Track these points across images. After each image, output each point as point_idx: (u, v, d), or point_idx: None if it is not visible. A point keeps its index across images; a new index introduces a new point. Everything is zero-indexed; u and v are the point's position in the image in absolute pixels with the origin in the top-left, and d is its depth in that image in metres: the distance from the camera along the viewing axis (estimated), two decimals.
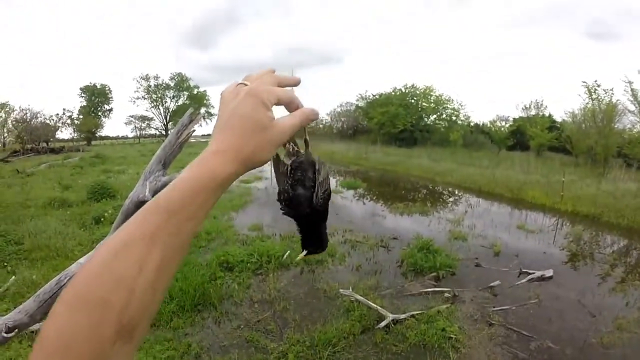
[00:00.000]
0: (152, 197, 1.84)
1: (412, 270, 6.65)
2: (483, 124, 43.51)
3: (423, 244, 7.19)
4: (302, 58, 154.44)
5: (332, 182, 18.27)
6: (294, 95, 0.61)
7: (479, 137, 39.23)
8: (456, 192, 16.29)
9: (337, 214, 10.79)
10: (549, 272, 6.74)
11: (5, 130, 52.49)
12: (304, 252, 0.72)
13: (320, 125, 64.46)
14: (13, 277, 6.12)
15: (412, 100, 43.58)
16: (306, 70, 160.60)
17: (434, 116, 43.66)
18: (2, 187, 15.35)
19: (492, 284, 6.18)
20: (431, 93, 43.85)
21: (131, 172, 20.67)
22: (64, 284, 2.87)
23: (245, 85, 0.56)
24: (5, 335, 2.83)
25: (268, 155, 0.56)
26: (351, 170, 23.59)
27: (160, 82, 72.92)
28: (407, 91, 44.83)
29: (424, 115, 43.09)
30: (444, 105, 43.26)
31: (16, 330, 2.89)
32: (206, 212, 0.50)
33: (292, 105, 0.60)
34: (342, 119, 57.55)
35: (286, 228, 8.67)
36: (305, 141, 0.74)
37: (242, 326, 4.84)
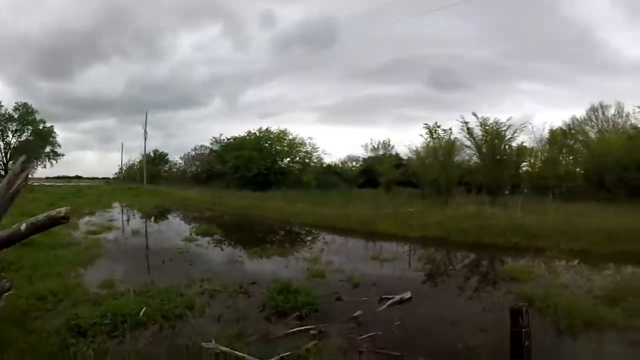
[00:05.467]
0: None
1: (275, 312, 6.55)
2: (335, 164, 46.09)
3: (283, 285, 7.17)
4: (160, 99, 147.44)
5: (186, 229, 17.61)
6: None
7: (331, 177, 41.38)
8: (312, 231, 16.80)
9: (191, 263, 10.37)
10: (407, 295, 7.20)
11: None
12: None
13: (174, 170, 62.21)
14: None
15: (267, 144, 44.48)
16: (164, 111, 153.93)
17: (288, 159, 45.05)
18: None
19: (355, 314, 6.36)
20: (285, 137, 45.28)
21: None
22: None
23: None
24: None
25: None
26: (206, 216, 23.02)
27: (3, 111, 58.88)
28: (261, 135, 45.72)
29: (277, 158, 44.19)
30: (298, 148, 44.90)
31: None
32: None
33: None
34: (196, 163, 56.28)
35: (141, 281, 8.07)
36: None
37: None
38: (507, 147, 26.21)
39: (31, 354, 4.75)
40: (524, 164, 28.79)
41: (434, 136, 28.06)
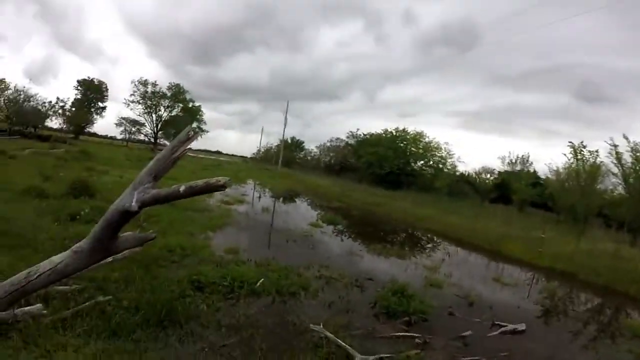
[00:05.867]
0: (139, 208, 1.75)
1: (385, 312, 6.54)
2: (468, 174, 44.16)
3: (398, 287, 7.12)
4: (301, 90, 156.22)
5: (313, 215, 18.16)
6: None
7: (464, 186, 39.72)
8: (436, 239, 16.34)
9: (313, 247, 10.71)
10: (521, 326, 6.75)
11: None
12: None
13: (309, 158, 64.91)
14: None
15: (402, 144, 44.18)
16: (303, 102, 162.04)
17: (422, 162, 44.23)
18: None
19: (463, 334, 6.12)
20: (421, 139, 44.56)
21: (114, 174, 20.41)
22: (33, 280, 2.78)
23: None
24: None
25: None
26: (333, 206, 23.56)
27: (157, 89, 72.23)
28: (397, 134, 45.56)
29: (411, 159, 43.64)
30: (432, 152, 43.87)
31: None
32: None
33: None
34: (331, 154, 57.93)
35: (263, 255, 8.59)
36: None
37: (206, 349, 4.65)
38: None
39: (150, 294, 5.28)
40: None
41: (578, 157, 25.23)
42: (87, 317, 4.78)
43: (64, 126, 68.34)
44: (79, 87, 73.33)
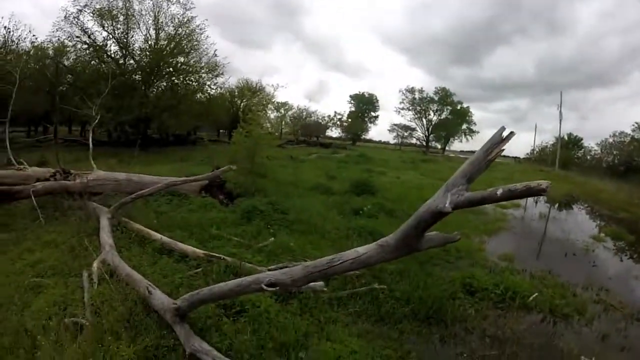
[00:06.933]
0: (452, 209, 1.96)
1: None
2: None
3: None
4: (571, 78, 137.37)
5: (593, 225, 15.88)
6: None
7: None
8: None
9: (595, 265, 9.39)
10: None
11: (283, 123, 63.86)
12: None
13: (588, 157, 56.59)
14: (272, 238, 7.38)
15: None
16: (576, 91, 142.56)
17: None
18: (277, 167, 18.15)
19: None
20: None
21: (391, 175, 22.20)
22: (335, 265, 3.33)
23: None
24: (265, 287, 3.44)
25: None
26: (619, 216, 19.93)
27: (424, 95, 75.48)
28: None
29: None
30: None
31: (276, 287, 3.49)
32: None
33: None
34: (614, 152, 49.07)
35: (538, 266, 8.10)
36: None
37: (465, 354, 4.72)
38: None
39: (422, 290, 5.61)
40: None
41: None
42: (360, 300, 5.46)
43: (343, 134, 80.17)
44: (352, 101, 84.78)
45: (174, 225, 7.72)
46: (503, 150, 1.84)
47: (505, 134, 1.81)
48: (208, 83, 31.64)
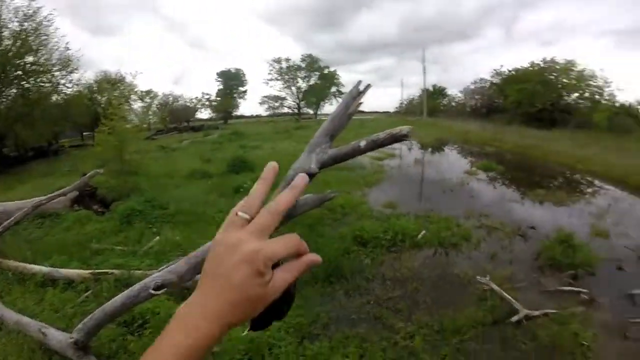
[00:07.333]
0: (319, 169, 1.89)
1: (550, 265, 6.03)
2: (630, 105, 37.84)
3: (564, 236, 6.50)
4: (430, 35, 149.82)
5: (465, 162, 17.51)
6: (299, 245, 0.59)
7: (626, 119, 34.34)
8: (598, 183, 14.56)
9: (472, 196, 10.36)
10: None
11: (150, 113, 58.65)
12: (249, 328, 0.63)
13: (453, 103, 62.16)
14: (157, 237, 6.95)
15: (552, 77, 39.56)
16: (438, 46, 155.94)
17: (576, 95, 39.14)
18: (149, 160, 17.14)
19: (633, 292, 5.33)
20: (573, 68, 39.21)
21: (266, 147, 22.03)
22: None
23: (245, 226, 0.57)
24: (152, 291, 3.20)
25: (255, 314, 0.55)
26: (485, 151, 22.17)
27: (291, 64, 75.73)
28: (545, 66, 40.78)
29: (564, 93, 38.90)
30: (587, 82, 38.41)
31: (164, 288, 3.27)
32: None
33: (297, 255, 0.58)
34: (476, 97, 54.38)
35: (421, 207, 8.57)
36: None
37: (371, 302, 4.87)
38: None
39: (317, 253, 5.59)
40: None
41: None
42: None
43: (213, 115, 77.17)
44: (219, 79, 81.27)
45: (51, 251, 6.85)
46: (361, 103, 1.79)
47: (362, 87, 1.77)
48: (62, 82, 28.07)
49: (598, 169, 16.23)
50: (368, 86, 1.70)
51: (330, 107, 79.32)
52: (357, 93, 1.72)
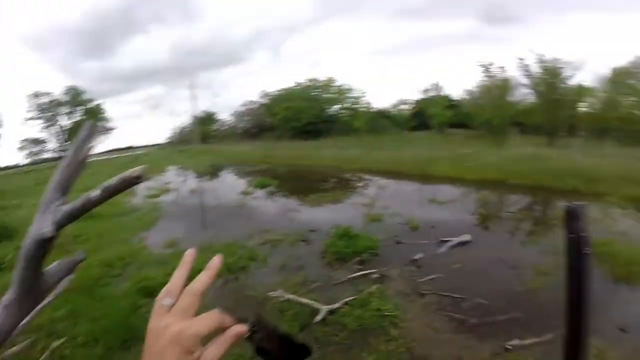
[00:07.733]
0: (56, 231, 1.57)
1: (336, 259, 6.63)
2: (385, 109, 45.04)
3: (342, 231, 7.25)
4: (203, 60, 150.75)
5: (241, 183, 17.88)
6: (221, 319, 0.59)
7: (382, 121, 40.55)
8: (366, 177, 16.64)
9: (250, 216, 10.66)
10: (466, 237, 7.19)
11: None
12: None
13: (225, 127, 63.13)
14: None
15: (315, 93, 44.19)
16: (209, 72, 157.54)
17: (337, 106, 44.53)
18: None
19: (415, 257, 6.43)
20: (332, 84, 44.71)
21: (28, 204, 18.61)
22: None
23: (170, 312, 0.58)
24: None
25: None
26: (260, 169, 23.16)
27: (53, 98, 62.95)
28: (309, 84, 45.41)
29: (326, 106, 43.84)
30: (345, 94, 44.18)
31: None
32: None
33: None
34: (246, 118, 56.56)
35: (201, 238, 8.38)
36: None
37: None
38: (564, 86, 23.94)
39: (105, 320, 4.91)
40: (582, 104, 26.48)
41: (488, 75, 26.39)
42: None
43: None
44: None
45: None
46: (92, 146, 1.57)
47: (91, 128, 1.54)
48: None
49: (363, 165, 18.58)
50: (97, 126, 1.49)
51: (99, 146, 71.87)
52: (88, 134, 1.50)
